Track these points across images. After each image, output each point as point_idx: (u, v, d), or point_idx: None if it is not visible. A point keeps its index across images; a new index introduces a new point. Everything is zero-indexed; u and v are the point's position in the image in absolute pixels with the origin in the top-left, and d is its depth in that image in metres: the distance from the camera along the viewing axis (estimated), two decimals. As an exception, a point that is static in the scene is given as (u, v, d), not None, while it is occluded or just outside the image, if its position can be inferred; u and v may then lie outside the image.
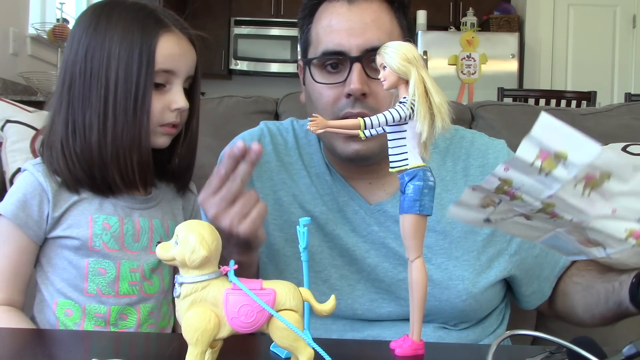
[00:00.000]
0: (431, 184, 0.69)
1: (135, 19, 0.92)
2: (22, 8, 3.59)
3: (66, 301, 0.92)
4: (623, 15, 5.33)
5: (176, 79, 0.93)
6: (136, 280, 0.94)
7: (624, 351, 0.59)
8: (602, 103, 3.68)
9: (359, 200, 1.07)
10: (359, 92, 0.96)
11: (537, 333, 0.66)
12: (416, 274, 0.70)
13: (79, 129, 0.91)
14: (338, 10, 1.00)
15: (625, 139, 1.92)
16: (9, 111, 1.72)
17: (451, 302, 1.01)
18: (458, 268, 1.02)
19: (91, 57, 0.91)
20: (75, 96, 0.91)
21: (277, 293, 0.61)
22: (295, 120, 1.19)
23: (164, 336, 0.94)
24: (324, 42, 1.00)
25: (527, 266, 1.08)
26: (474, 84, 5.03)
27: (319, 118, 0.66)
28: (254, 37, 5.90)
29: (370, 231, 1.05)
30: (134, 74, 0.89)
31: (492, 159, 1.11)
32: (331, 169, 1.10)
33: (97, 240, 0.91)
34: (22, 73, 3.33)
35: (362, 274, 1.04)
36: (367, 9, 0.99)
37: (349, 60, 0.97)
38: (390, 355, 0.71)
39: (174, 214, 1.02)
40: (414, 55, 0.67)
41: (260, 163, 1.11)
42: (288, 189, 1.10)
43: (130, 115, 0.90)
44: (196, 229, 0.61)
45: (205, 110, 1.91)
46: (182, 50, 0.94)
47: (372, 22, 0.99)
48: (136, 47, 0.90)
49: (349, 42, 0.97)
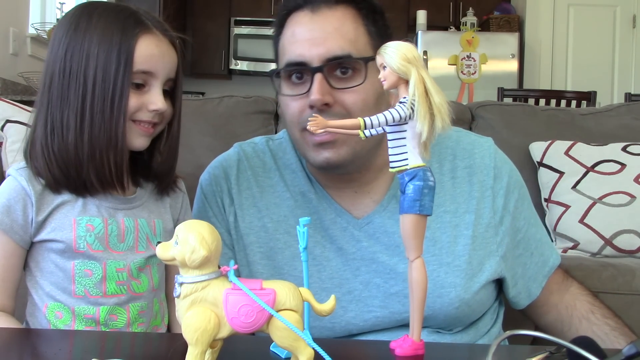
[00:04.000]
0: (431, 184, 0.69)
1: (115, 20, 0.92)
2: (22, 8, 3.59)
3: (55, 304, 0.93)
4: (623, 15, 5.33)
5: (155, 80, 0.93)
6: (123, 279, 0.94)
7: (624, 351, 0.59)
8: (602, 103, 3.68)
9: (345, 217, 1.05)
10: (319, 102, 0.94)
11: (537, 333, 0.66)
12: (416, 274, 0.70)
13: (57, 128, 0.91)
14: (301, 20, 0.99)
15: (625, 139, 1.92)
16: (9, 111, 1.72)
17: (444, 310, 0.99)
18: (449, 275, 1.00)
19: (70, 57, 0.91)
20: (54, 95, 0.92)
21: (277, 293, 0.61)
22: (270, 139, 1.17)
23: (164, 336, 0.94)
24: (288, 53, 0.99)
25: (510, 266, 1.07)
26: (474, 84, 5.03)
27: (319, 118, 0.66)
28: (254, 37, 5.90)
29: (359, 247, 1.03)
30: (112, 74, 0.90)
31: (478, 159, 1.08)
32: (315, 184, 1.08)
33: (81, 242, 0.91)
34: (22, 73, 3.33)
35: (354, 293, 1.02)
36: (330, 17, 0.98)
37: (311, 70, 0.96)
38: (390, 355, 0.71)
39: (161, 212, 1.02)
40: (414, 55, 0.67)
41: (241, 190, 1.10)
42: (272, 215, 1.08)
43: (107, 115, 0.90)
44: (196, 229, 0.61)
45: (205, 110, 1.92)
46: (161, 51, 0.94)
47: (335, 30, 0.97)
48: (115, 47, 0.90)
49: (310, 52, 0.96)
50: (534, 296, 1.11)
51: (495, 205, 1.06)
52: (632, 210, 1.77)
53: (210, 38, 5.92)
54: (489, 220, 1.05)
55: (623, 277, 1.54)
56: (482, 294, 1.03)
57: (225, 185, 1.11)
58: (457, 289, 1.00)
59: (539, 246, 1.12)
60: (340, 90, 0.96)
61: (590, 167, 1.85)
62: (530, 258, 1.10)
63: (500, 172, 1.08)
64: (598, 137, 1.95)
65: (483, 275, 1.02)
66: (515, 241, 1.08)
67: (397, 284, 1.01)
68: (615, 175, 1.83)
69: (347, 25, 0.98)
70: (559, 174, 1.86)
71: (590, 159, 1.86)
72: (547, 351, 0.68)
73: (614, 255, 1.76)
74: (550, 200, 1.87)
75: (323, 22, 0.98)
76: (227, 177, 1.12)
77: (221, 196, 1.11)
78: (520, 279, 1.09)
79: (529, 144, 1.94)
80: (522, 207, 1.10)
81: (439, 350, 0.84)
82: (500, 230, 1.05)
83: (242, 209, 1.09)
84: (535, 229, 1.12)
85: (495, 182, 1.07)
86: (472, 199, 1.05)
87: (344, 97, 0.96)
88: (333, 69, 0.96)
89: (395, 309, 1.01)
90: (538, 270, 1.10)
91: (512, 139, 1.94)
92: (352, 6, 1.00)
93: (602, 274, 1.55)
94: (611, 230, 1.76)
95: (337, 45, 0.96)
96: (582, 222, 1.79)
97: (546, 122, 2.01)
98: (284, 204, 1.08)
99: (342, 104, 0.96)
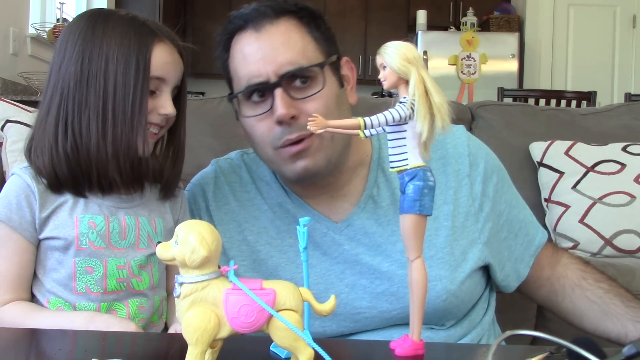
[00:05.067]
0: (431, 184, 0.69)
1: (130, 26, 0.95)
2: (22, 8, 3.59)
3: (57, 299, 0.94)
4: (623, 15, 5.33)
5: (166, 86, 0.97)
6: (123, 277, 0.95)
7: (624, 351, 0.59)
8: (602, 103, 3.68)
9: (324, 222, 1.05)
10: (286, 116, 0.95)
11: (537, 333, 0.66)
12: (416, 274, 0.70)
13: (74, 130, 0.93)
14: (247, 40, 1.00)
15: (625, 139, 1.92)
16: (9, 111, 1.72)
17: (432, 304, 0.98)
18: (433, 268, 1.00)
19: (88, 60, 0.93)
20: (70, 98, 0.93)
21: (277, 293, 0.61)
22: (245, 153, 1.18)
23: (164, 336, 0.94)
24: (242, 74, 1.00)
25: (496, 250, 1.08)
26: (474, 84, 5.03)
27: (319, 118, 0.66)
28: (254, 37, 5.89)
29: (341, 251, 1.04)
30: (132, 78, 0.92)
31: (451, 149, 1.08)
32: (290, 194, 1.08)
33: (83, 239, 0.93)
34: (22, 73, 3.33)
35: (341, 297, 1.02)
36: (274, 33, 0.99)
37: (269, 87, 0.97)
38: (390, 355, 0.71)
39: (162, 211, 1.03)
40: (414, 55, 0.67)
41: (219, 206, 1.11)
42: (252, 228, 1.09)
43: (129, 118, 0.93)
44: (196, 229, 0.61)
45: (205, 110, 1.92)
46: (173, 59, 0.98)
47: (282, 44, 0.98)
48: (133, 52, 0.93)
49: (266, 70, 0.96)
50: (523, 277, 1.12)
51: (473, 193, 1.06)
52: (632, 210, 1.77)
53: (210, 38, 5.89)
54: (468, 208, 1.05)
55: (623, 277, 1.54)
56: (468, 283, 1.03)
57: (203, 203, 1.13)
58: (443, 281, 1.00)
59: (522, 227, 1.13)
60: (302, 100, 0.97)
61: (590, 167, 1.85)
62: (514, 240, 1.10)
63: (475, 159, 1.08)
64: (598, 137, 1.95)
65: (467, 264, 1.03)
66: (498, 225, 1.09)
67: (382, 283, 1.01)
68: (615, 175, 1.83)
69: (293, 37, 0.99)
70: (559, 174, 1.86)
71: (590, 159, 1.87)
72: (547, 351, 0.68)
73: (614, 255, 1.76)
74: (550, 200, 1.87)
75: (269, 38, 0.99)
76: (204, 195, 1.13)
77: (199, 213, 1.13)
78: (507, 261, 1.10)
79: (529, 144, 1.94)
80: (502, 191, 1.11)
81: (439, 350, 0.84)
82: (480, 217, 1.06)
83: (221, 224, 1.10)
84: (517, 210, 1.13)
85: (472, 170, 1.07)
86: (449, 189, 1.05)
87: (307, 107, 0.97)
88: (291, 81, 0.97)
89: (383, 307, 1.01)
90: (524, 250, 1.11)
91: (512, 139, 1.95)
92: (293, 17, 1.01)
93: (602, 274, 1.55)
94: (611, 230, 1.76)
95: (287, 59, 0.97)
96: (582, 222, 1.79)
97: (546, 122, 2.01)
98: (262, 216, 1.09)
99: (307, 113, 0.96)
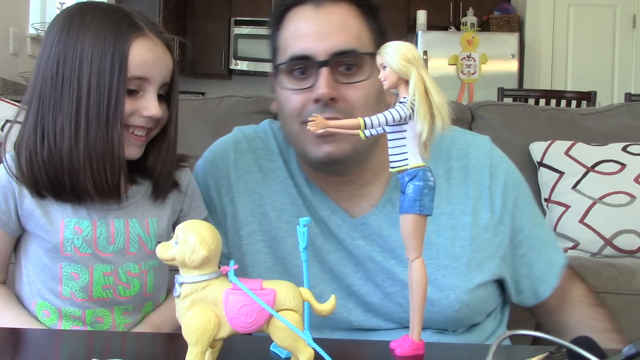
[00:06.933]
0: (431, 184, 0.69)
1: (108, 22, 0.89)
2: (22, 8, 3.59)
3: (43, 302, 0.92)
4: (623, 15, 5.32)
5: (150, 85, 0.90)
6: (109, 284, 0.92)
7: (624, 351, 0.59)
8: (602, 103, 3.67)
9: (341, 214, 1.04)
10: (327, 96, 0.93)
11: (537, 333, 0.66)
12: (416, 274, 0.70)
13: (49, 135, 0.88)
14: (305, 15, 0.98)
15: (625, 139, 1.93)
16: (9, 111, 1.72)
17: (444, 313, 0.98)
18: (447, 277, 0.99)
19: (63, 61, 0.88)
20: (46, 101, 0.88)
21: (277, 293, 0.61)
22: (272, 122, 1.14)
23: (164, 336, 0.94)
24: (291, 47, 0.98)
25: (511, 265, 1.06)
26: (474, 84, 5.03)
27: (319, 118, 0.66)
28: (254, 37, 5.89)
29: (356, 245, 1.02)
30: (107, 79, 0.86)
31: (473, 159, 1.06)
32: (310, 182, 1.06)
33: (68, 245, 0.90)
34: (22, 73, 3.33)
35: (353, 288, 1.02)
36: (334, 12, 0.97)
37: (317, 64, 0.95)
38: (390, 355, 0.71)
39: (157, 210, 0.98)
40: (414, 55, 0.67)
41: (240, 174, 1.07)
42: (274, 203, 1.06)
43: (103, 122, 0.87)
44: (196, 229, 0.61)
45: (205, 110, 1.92)
46: (156, 56, 0.90)
47: (340, 25, 0.96)
48: (108, 51, 0.87)
49: (317, 46, 0.95)
50: (542, 298, 1.09)
51: (493, 206, 1.04)
52: (632, 210, 1.77)
53: (210, 38, 5.92)
54: (488, 221, 1.03)
55: (623, 277, 1.54)
56: (482, 295, 1.02)
57: (223, 172, 1.09)
58: (456, 291, 0.99)
59: (544, 246, 1.10)
60: (345, 86, 0.95)
61: (590, 167, 1.85)
62: (536, 258, 1.08)
63: (496, 171, 1.06)
64: (598, 137, 1.95)
65: (482, 276, 1.01)
66: (516, 241, 1.07)
67: (394, 284, 1.00)
68: (615, 175, 1.83)
69: (351, 21, 0.98)
70: (559, 174, 1.86)
71: (590, 159, 1.87)
72: (547, 351, 0.68)
73: (614, 255, 1.76)
74: (550, 200, 1.87)
75: (328, 16, 0.97)
76: (226, 164, 1.09)
77: (217, 185, 1.09)
78: (523, 278, 1.08)
79: (529, 144, 1.94)
80: (524, 207, 1.08)
81: (439, 350, 0.84)
82: (500, 230, 1.04)
83: (242, 197, 1.07)
84: (539, 228, 1.10)
85: (492, 182, 1.05)
86: (469, 200, 1.04)
87: (348, 93, 0.95)
88: (338, 64, 0.95)
89: (393, 308, 1.01)
90: (546, 271, 1.08)
91: (512, 139, 1.94)
92: (354, 2, 1.00)
93: (602, 274, 1.55)
94: (611, 230, 1.76)
95: (343, 40, 0.95)
96: (582, 222, 1.79)
97: (546, 122, 2.01)
98: (286, 191, 1.06)
99: (346, 99, 0.95)
